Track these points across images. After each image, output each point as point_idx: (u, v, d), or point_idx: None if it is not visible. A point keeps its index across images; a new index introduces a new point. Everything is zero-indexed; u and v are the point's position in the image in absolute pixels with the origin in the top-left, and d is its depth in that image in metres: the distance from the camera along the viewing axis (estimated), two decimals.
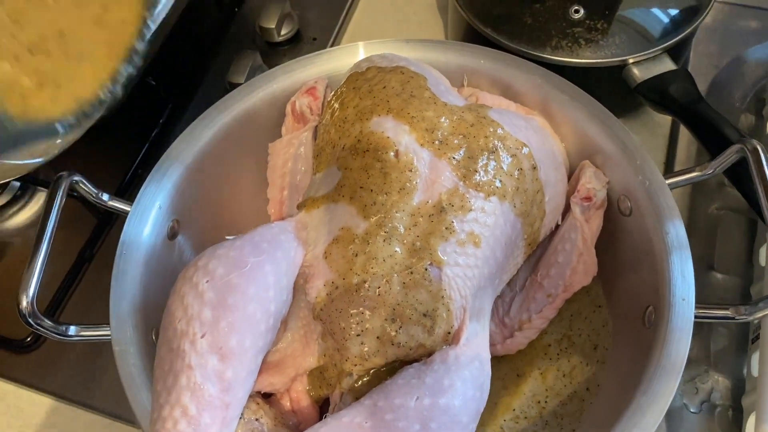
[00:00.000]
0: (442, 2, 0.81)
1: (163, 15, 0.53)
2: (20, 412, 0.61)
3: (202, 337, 0.41)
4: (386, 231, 0.45)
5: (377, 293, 0.44)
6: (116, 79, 0.53)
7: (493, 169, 0.48)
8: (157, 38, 0.54)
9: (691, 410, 0.57)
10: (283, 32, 0.77)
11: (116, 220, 0.68)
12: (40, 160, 0.52)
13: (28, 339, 0.62)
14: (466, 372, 0.43)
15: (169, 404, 0.39)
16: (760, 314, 0.45)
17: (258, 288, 0.43)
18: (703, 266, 0.63)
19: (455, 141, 0.48)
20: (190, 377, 0.40)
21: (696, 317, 0.47)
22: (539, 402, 0.56)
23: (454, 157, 0.47)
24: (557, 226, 0.55)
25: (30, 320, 0.46)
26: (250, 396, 0.48)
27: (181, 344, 0.41)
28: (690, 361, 0.59)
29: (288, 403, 0.50)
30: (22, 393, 0.62)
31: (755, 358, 0.54)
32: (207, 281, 0.43)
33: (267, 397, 0.51)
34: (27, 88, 0.48)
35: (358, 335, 0.44)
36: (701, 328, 0.60)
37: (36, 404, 0.61)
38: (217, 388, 0.40)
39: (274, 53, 0.78)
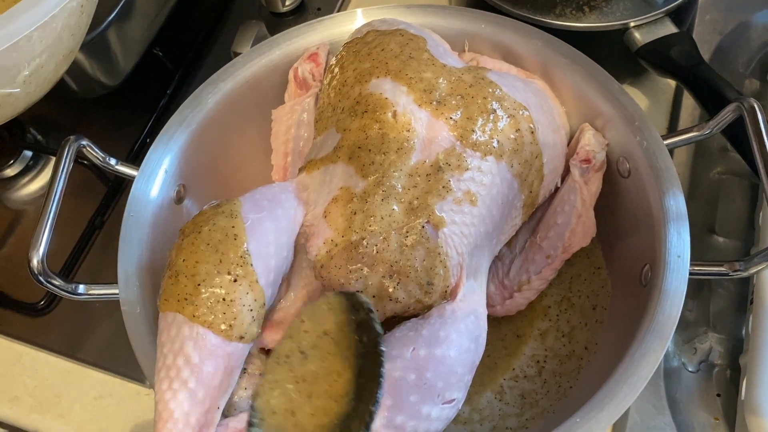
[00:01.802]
0: None
1: None
2: (35, 373, 0.63)
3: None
4: (384, 190, 0.46)
5: (375, 250, 0.45)
6: None
7: (491, 130, 0.49)
8: None
9: (689, 370, 0.58)
10: (287, 2, 0.78)
11: (125, 188, 0.69)
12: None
13: (42, 302, 0.64)
14: (461, 325, 0.44)
15: (173, 353, 0.41)
16: (754, 269, 0.46)
17: (258, 243, 0.44)
18: (704, 230, 0.64)
19: (453, 102, 0.49)
20: (193, 327, 0.41)
21: (691, 274, 0.47)
22: (538, 362, 0.57)
23: (451, 118, 0.48)
24: (556, 189, 0.56)
25: (41, 278, 0.48)
26: (254, 352, 0.50)
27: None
28: (689, 323, 0.60)
29: None
30: (38, 354, 0.64)
31: (753, 312, 0.54)
32: None
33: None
34: None
35: (358, 291, 0.46)
36: (701, 291, 0.61)
37: (50, 365, 0.63)
38: (219, 337, 0.41)
39: (279, 23, 0.78)
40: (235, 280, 0.42)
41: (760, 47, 0.72)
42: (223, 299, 0.42)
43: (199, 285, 0.42)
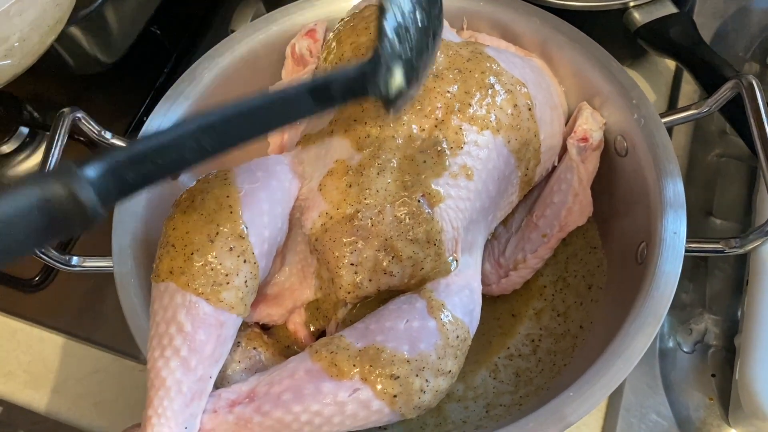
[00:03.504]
0: None
1: None
2: (29, 348, 0.63)
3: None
4: (380, 163, 0.46)
5: (370, 223, 0.45)
6: None
7: (488, 104, 0.48)
8: None
9: (685, 350, 0.58)
10: None
11: None
12: None
13: (37, 278, 0.64)
14: (456, 298, 0.44)
15: (165, 321, 0.41)
16: (750, 246, 0.46)
17: (252, 213, 0.44)
18: (702, 212, 0.63)
19: (450, 75, 0.48)
20: (186, 295, 0.41)
21: (687, 251, 0.47)
22: (533, 341, 0.56)
23: (448, 91, 0.48)
24: (554, 168, 0.56)
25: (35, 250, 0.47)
26: (249, 326, 0.50)
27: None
28: (685, 304, 0.60)
29: (285, 335, 0.52)
30: (32, 330, 0.64)
31: (747, 296, 0.54)
32: None
33: (266, 329, 0.52)
34: None
35: (351, 264, 0.45)
36: (697, 272, 0.61)
37: (45, 341, 0.63)
38: (212, 306, 0.41)
39: (277, 2, 0.78)
40: (230, 250, 0.42)
41: (760, 31, 0.72)
42: (217, 268, 0.42)
43: (192, 254, 0.41)
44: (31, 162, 0.71)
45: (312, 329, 0.51)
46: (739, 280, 0.59)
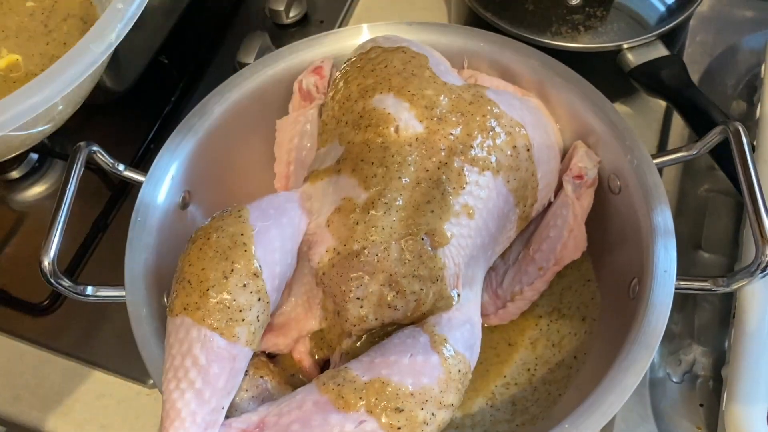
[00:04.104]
0: None
1: None
2: (37, 371, 0.64)
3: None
4: (386, 201, 0.48)
5: (376, 259, 0.47)
6: None
7: (489, 146, 0.51)
8: None
9: (674, 380, 0.60)
10: (291, 14, 0.80)
11: (129, 192, 0.71)
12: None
13: (46, 302, 0.66)
14: (457, 333, 0.46)
15: (181, 354, 0.43)
16: (736, 285, 0.48)
17: (265, 251, 0.46)
18: (690, 246, 0.66)
19: (453, 118, 0.51)
20: (201, 330, 0.43)
21: (677, 289, 0.49)
22: (529, 369, 0.59)
23: (451, 133, 0.50)
24: (550, 203, 0.58)
25: (51, 279, 0.49)
26: (256, 355, 0.52)
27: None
28: (674, 335, 0.62)
29: (291, 363, 0.53)
30: (40, 353, 0.65)
31: (734, 330, 0.57)
32: None
33: (271, 357, 0.54)
34: None
35: (357, 298, 0.47)
36: (686, 304, 0.63)
37: (52, 364, 0.64)
38: (225, 340, 0.43)
39: (283, 35, 0.80)
40: (244, 286, 0.44)
41: (747, 70, 0.75)
42: (231, 304, 0.43)
43: (208, 290, 0.43)
44: (39, 188, 0.73)
45: (316, 358, 0.53)
46: (727, 312, 0.62)
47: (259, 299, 0.45)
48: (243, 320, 0.44)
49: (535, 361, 0.59)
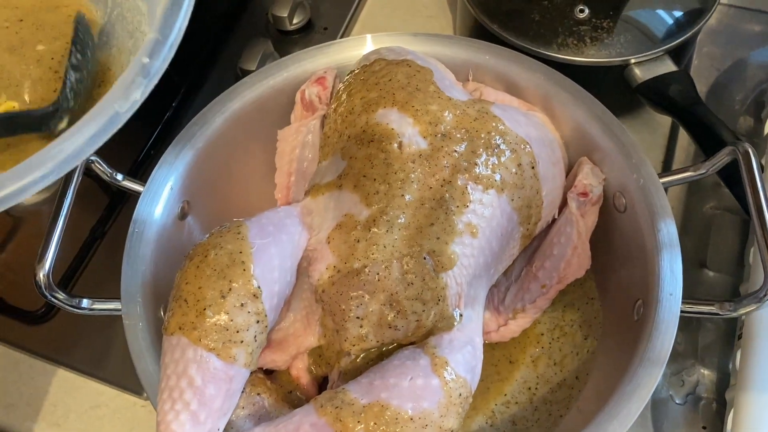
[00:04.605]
0: None
1: None
2: (32, 381, 0.64)
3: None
4: (388, 219, 0.47)
5: (377, 278, 0.46)
6: None
7: (493, 164, 0.50)
8: None
9: (677, 402, 0.59)
10: (294, 21, 0.79)
11: (127, 199, 0.70)
12: None
13: (41, 310, 0.65)
14: (459, 355, 0.45)
15: (176, 374, 0.42)
16: (743, 310, 0.47)
17: (263, 269, 0.45)
18: (695, 264, 0.65)
19: (457, 135, 0.50)
20: (197, 350, 0.42)
21: (682, 312, 0.49)
22: (530, 388, 0.58)
23: (455, 150, 0.49)
24: (554, 220, 0.57)
25: (45, 292, 0.48)
26: (253, 372, 0.51)
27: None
28: (678, 355, 0.61)
29: (288, 380, 0.53)
30: (35, 362, 0.64)
31: (741, 350, 0.56)
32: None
33: (269, 373, 0.53)
34: None
35: (357, 317, 0.47)
36: (690, 324, 0.62)
37: (47, 373, 0.64)
38: (222, 361, 0.42)
39: (286, 42, 0.80)
40: (242, 306, 0.43)
41: (755, 85, 0.74)
42: (228, 325, 0.43)
43: (204, 310, 0.43)
44: (38, 196, 0.72)
45: (315, 375, 0.52)
46: (731, 332, 0.61)
47: (258, 320, 0.44)
48: (240, 341, 0.43)
49: (536, 379, 0.58)
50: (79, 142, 0.42)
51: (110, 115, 0.44)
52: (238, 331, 0.43)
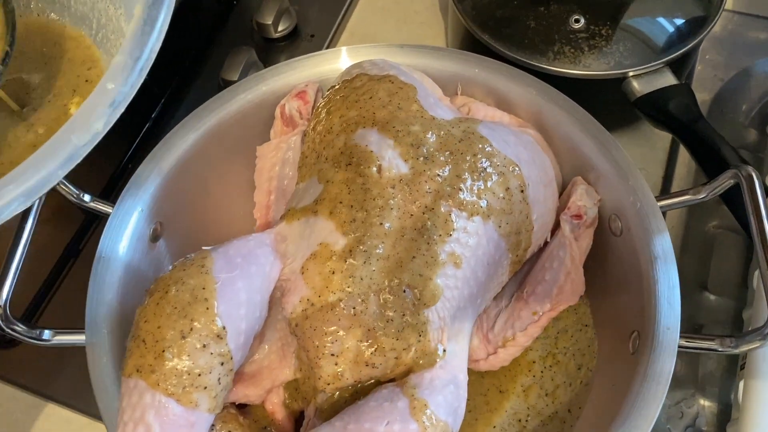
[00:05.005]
0: (443, 2, 0.79)
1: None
2: (0, 406, 0.61)
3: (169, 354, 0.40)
4: (365, 249, 0.44)
5: (353, 312, 0.43)
6: None
7: (479, 189, 0.47)
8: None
9: None
10: (280, 28, 0.76)
11: (102, 218, 0.67)
12: None
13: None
14: (440, 397, 0.42)
15: (133, 421, 0.39)
16: (746, 348, 0.44)
17: (228, 305, 0.42)
18: (696, 286, 0.62)
19: (441, 158, 0.47)
20: (155, 395, 0.39)
21: (680, 347, 0.46)
22: (520, 420, 0.55)
23: (438, 175, 0.46)
24: (545, 243, 0.54)
25: (2, 325, 0.46)
26: (225, 407, 0.48)
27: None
28: (677, 384, 0.58)
29: (263, 415, 0.50)
30: (4, 388, 0.61)
31: (743, 385, 0.53)
32: None
33: (242, 407, 0.50)
34: None
35: (332, 354, 0.44)
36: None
37: (17, 399, 0.61)
38: (182, 407, 0.39)
39: (271, 49, 0.77)
40: (203, 347, 0.40)
41: (760, 97, 0.71)
42: (189, 367, 0.40)
43: (164, 351, 0.40)
44: (8, 222, 0.69)
45: (290, 410, 0.49)
46: (733, 360, 0.58)
47: (222, 362, 0.41)
48: (202, 385, 0.40)
49: (527, 411, 0.55)
50: (28, 183, 0.38)
51: (68, 151, 0.39)
52: (200, 375, 0.40)
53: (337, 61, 0.59)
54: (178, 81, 0.75)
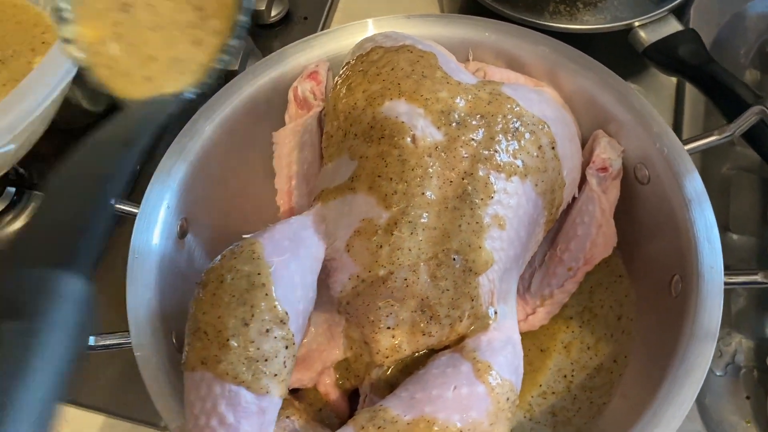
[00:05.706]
0: None
1: None
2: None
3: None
4: (410, 220, 0.44)
5: (405, 284, 0.43)
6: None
7: (514, 149, 0.47)
8: None
9: (717, 374, 0.57)
10: (273, 13, 0.75)
11: (124, 221, 0.66)
12: None
13: None
14: (500, 357, 0.43)
15: (205, 414, 0.38)
16: None
17: (285, 289, 0.41)
18: (719, 227, 0.63)
19: (473, 122, 0.47)
20: (225, 385, 0.38)
21: (726, 284, 0.46)
22: (565, 376, 0.55)
23: (473, 139, 0.46)
24: (574, 199, 0.55)
25: None
26: None
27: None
28: None
29: (317, 397, 0.50)
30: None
31: None
32: None
33: (294, 392, 0.50)
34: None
35: (388, 328, 0.44)
36: None
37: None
38: (253, 394, 0.39)
39: (266, 35, 0.76)
40: (267, 332, 0.40)
41: (757, 37, 0.72)
42: (255, 354, 0.39)
43: (228, 340, 0.39)
44: (19, 222, 0.68)
45: (344, 389, 0.49)
46: (763, 296, 0.59)
47: (286, 346, 0.40)
48: (269, 369, 0.39)
49: (570, 366, 0.56)
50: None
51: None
52: (266, 360, 0.39)
53: (342, 39, 0.58)
54: None
